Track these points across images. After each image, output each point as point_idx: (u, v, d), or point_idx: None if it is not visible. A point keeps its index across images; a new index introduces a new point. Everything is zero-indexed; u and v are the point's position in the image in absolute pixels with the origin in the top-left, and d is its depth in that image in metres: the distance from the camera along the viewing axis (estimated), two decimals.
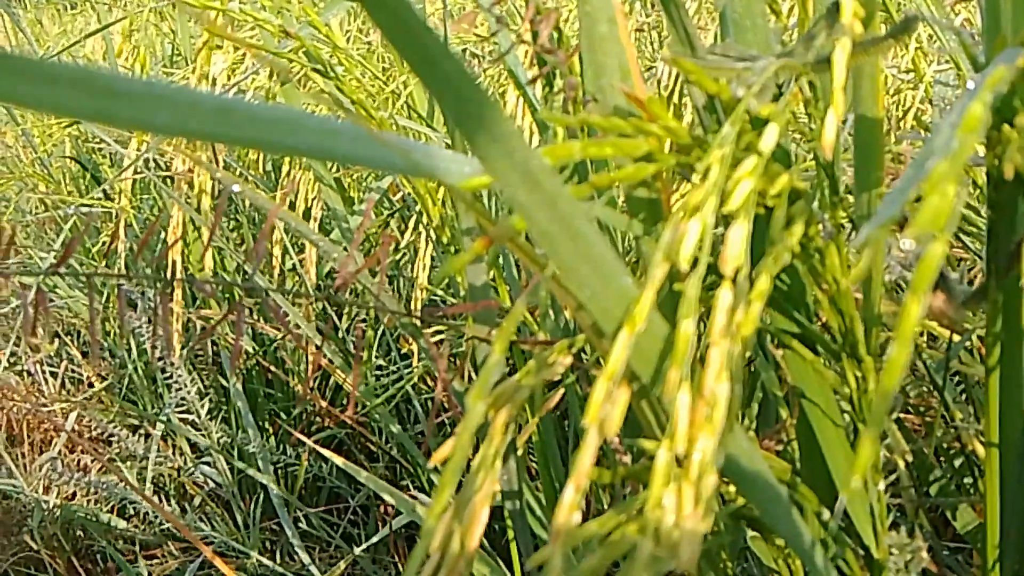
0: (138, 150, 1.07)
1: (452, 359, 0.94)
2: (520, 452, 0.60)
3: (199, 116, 0.25)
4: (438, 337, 0.74)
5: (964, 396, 0.59)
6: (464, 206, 0.48)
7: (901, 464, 0.51)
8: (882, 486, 0.45)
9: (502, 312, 0.48)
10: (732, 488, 0.40)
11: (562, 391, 0.45)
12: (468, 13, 0.45)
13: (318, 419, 1.14)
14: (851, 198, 0.45)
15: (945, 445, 0.57)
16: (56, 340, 1.55)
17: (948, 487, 0.56)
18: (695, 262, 0.31)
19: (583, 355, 0.49)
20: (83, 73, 0.23)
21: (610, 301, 0.31)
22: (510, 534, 0.69)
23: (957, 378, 0.60)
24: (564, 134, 0.59)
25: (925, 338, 0.55)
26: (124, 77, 0.24)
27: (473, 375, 0.76)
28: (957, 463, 0.58)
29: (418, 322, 0.53)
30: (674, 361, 0.31)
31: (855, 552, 0.39)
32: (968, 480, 0.58)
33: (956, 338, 0.53)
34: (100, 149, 1.59)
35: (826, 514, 0.39)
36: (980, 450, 0.55)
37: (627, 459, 0.48)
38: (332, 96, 0.60)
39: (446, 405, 0.50)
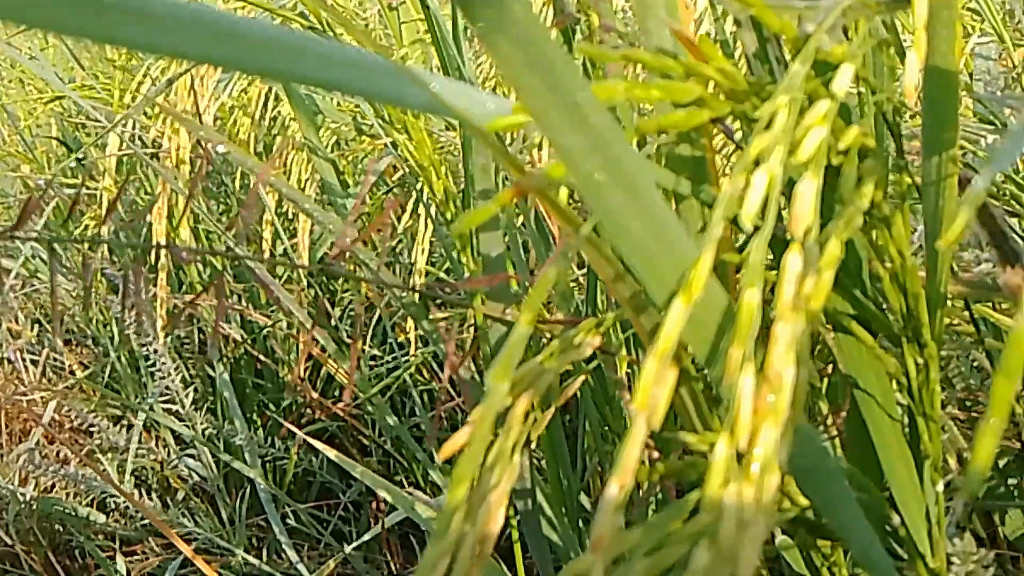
0: (119, 111, 1.01)
1: (457, 347, 0.90)
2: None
3: (202, 36, 0.20)
4: (442, 324, 0.69)
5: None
6: (486, 154, 0.43)
7: (954, 463, 0.46)
8: (941, 487, 0.40)
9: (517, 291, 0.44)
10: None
11: (582, 378, 0.40)
12: None
13: (308, 411, 1.09)
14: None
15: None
16: (37, 327, 1.50)
17: (996, 489, 0.52)
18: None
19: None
20: None
21: (668, 266, 0.27)
22: (515, 535, 0.64)
23: None
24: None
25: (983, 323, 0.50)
26: None
27: (474, 364, 0.72)
28: (1002, 463, 0.54)
29: (419, 300, 0.48)
30: (736, 338, 0.26)
31: (924, 562, 0.35)
32: (1013, 481, 0.53)
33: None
34: (84, 127, 1.54)
35: (895, 519, 0.35)
36: None
37: (655, 454, 0.43)
38: None
39: (451, 394, 0.45)
